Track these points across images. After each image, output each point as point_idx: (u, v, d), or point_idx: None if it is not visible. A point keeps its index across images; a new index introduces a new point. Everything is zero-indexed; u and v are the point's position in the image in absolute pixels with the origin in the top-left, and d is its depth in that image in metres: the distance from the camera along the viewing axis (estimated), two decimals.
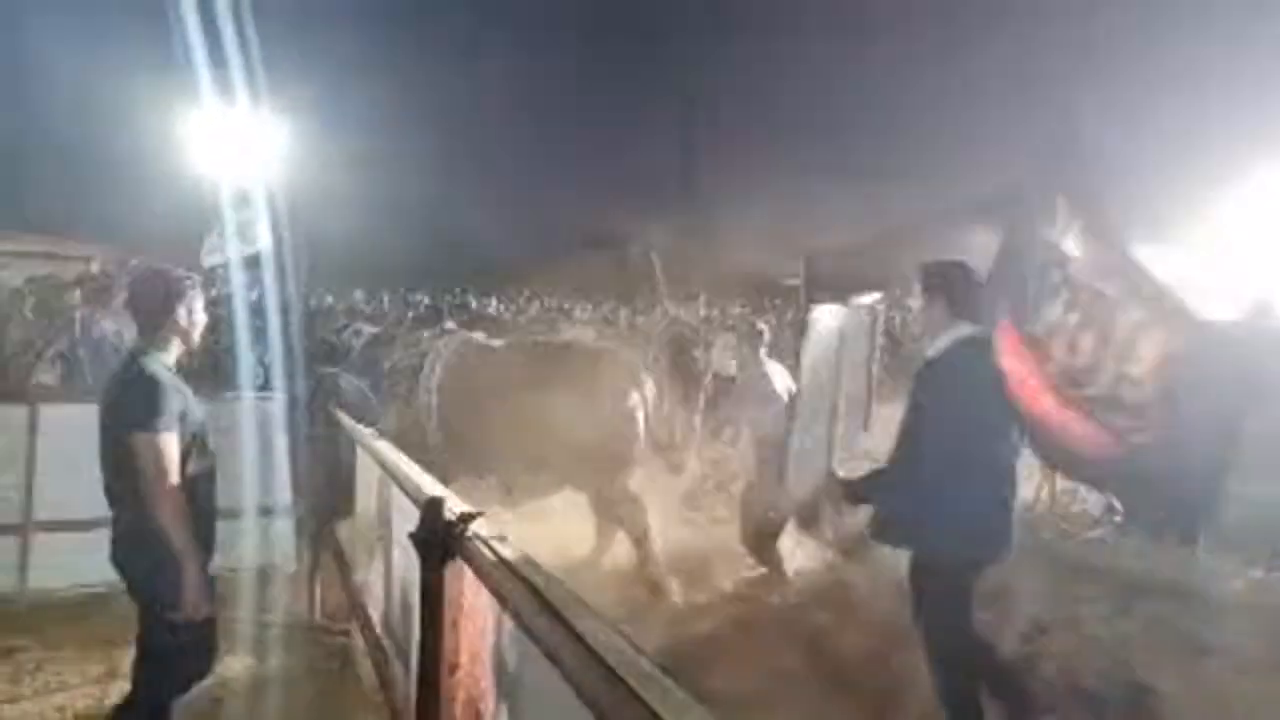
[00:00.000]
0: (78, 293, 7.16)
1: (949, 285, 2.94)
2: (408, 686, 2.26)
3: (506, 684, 1.73)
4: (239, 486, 3.89)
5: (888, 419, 4.12)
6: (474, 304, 13.04)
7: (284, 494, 4.65)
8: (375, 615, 3.26)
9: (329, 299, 11.54)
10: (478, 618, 2.02)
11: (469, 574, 1.88)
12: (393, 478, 2.60)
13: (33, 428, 4.17)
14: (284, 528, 4.68)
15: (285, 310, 5.84)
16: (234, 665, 3.72)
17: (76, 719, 3.29)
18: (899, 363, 8.00)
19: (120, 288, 5.82)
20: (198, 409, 2.66)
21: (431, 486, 2.19)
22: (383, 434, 3.57)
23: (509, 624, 1.66)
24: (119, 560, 2.58)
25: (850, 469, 4.10)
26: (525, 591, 1.58)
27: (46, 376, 6.15)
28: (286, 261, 6.27)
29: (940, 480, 2.74)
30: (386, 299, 12.75)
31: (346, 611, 3.89)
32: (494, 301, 13.62)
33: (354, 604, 3.55)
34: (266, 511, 4.47)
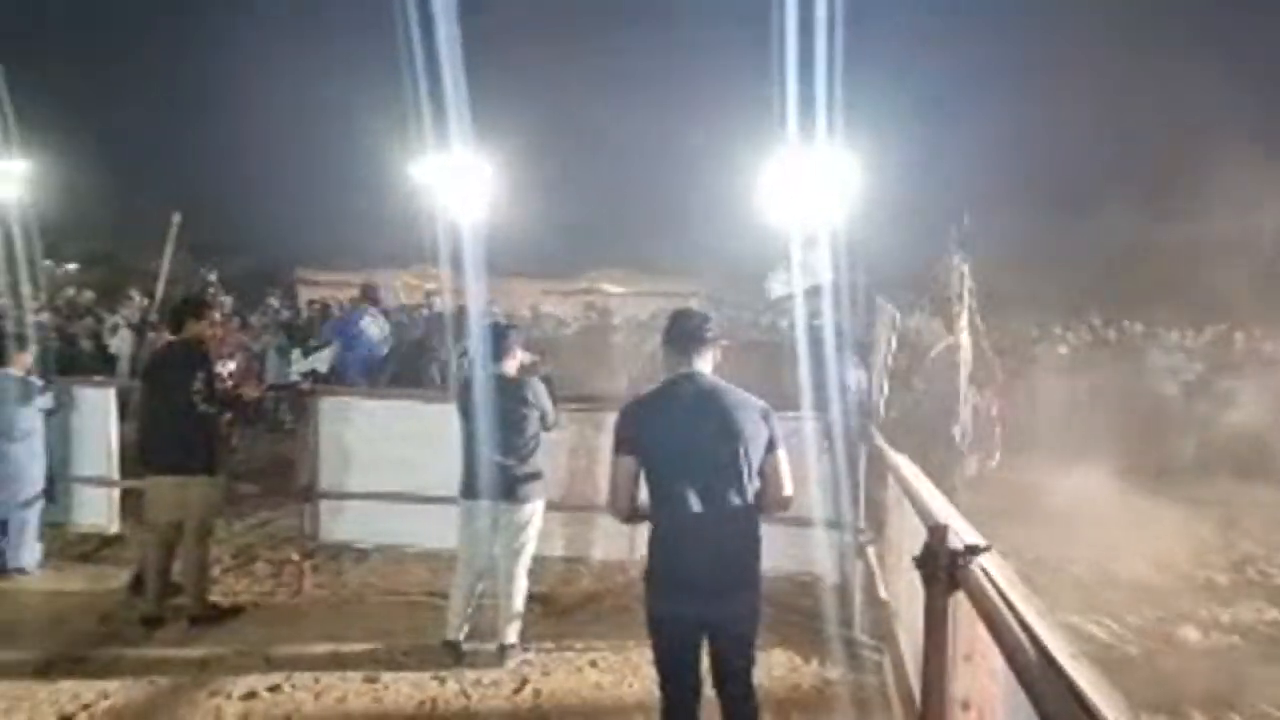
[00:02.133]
0: None
1: None
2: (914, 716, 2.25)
3: None
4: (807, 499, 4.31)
5: None
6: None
7: (837, 508, 4.95)
8: (903, 637, 3.29)
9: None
10: (989, 658, 1.92)
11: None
12: (906, 496, 2.62)
13: None
14: (834, 540, 4.98)
15: (841, 337, 6.26)
16: (774, 659, 4.12)
17: None
18: None
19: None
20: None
21: (942, 510, 2.15)
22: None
23: None
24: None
25: None
26: (1022, 639, 1.47)
27: None
28: (845, 292, 6.72)
29: None
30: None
31: (880, 627, 4.00)
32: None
33: (883, 620, 3.63)
34: (833, 525, 4.80)
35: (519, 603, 4.15)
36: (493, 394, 4.08)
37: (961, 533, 1.90)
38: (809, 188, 7.69)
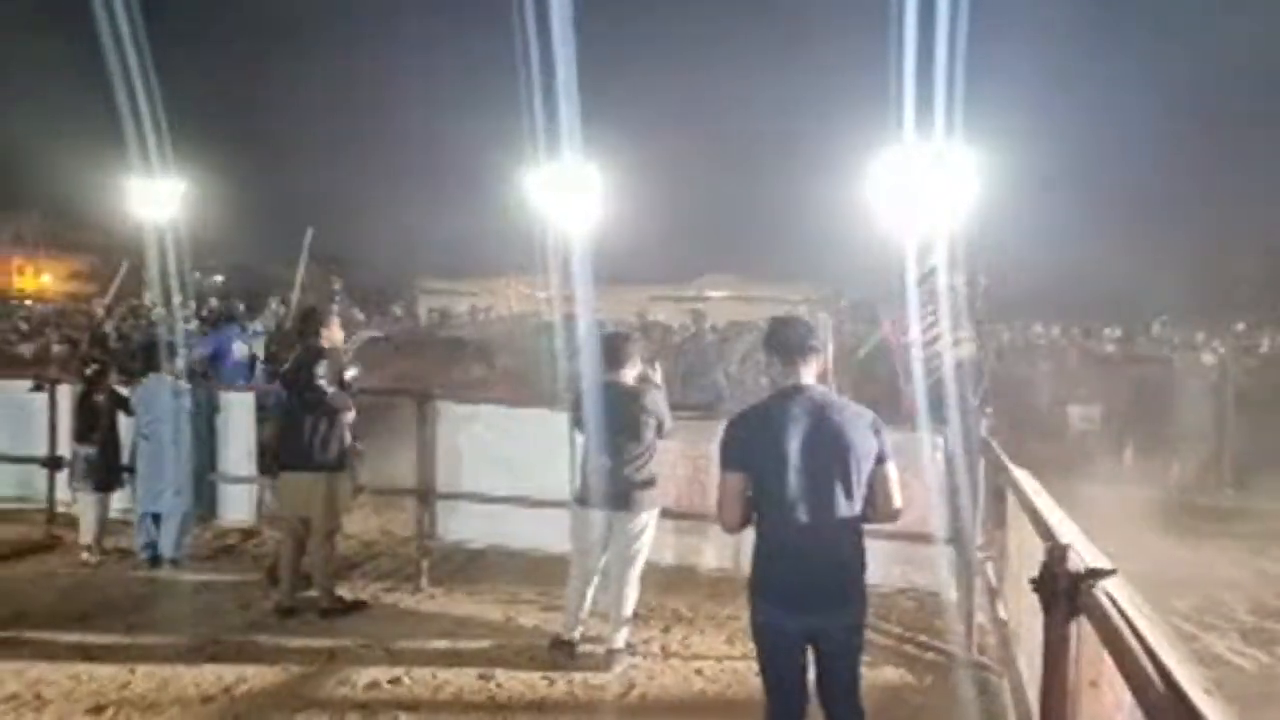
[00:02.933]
0: None
1: None
2: None
3: None
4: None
5: None
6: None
7: (955, 522, 4.78)
8: (1022, 661, 3.14)
9: (1005, 334, 11.36)
10: (1116, 687, 1.82)
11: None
12: (1025, 512, 2.51)
13: None
14: (952, 556, 4.81)
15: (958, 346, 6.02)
16: (885, 676, 4.01)
17: None
18: None
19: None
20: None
21: (1064, 529, 2.05)
22: None
23: None
24: None
25: None
26: (1150, 671, 1.39)
27: None
28: (962, 296, 6.46)
29: None
30: (1058, 332, 11.94)
31: (999, 649, 3.84)
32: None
33: (1002, 641, 3.48)
34: (950, 540, 4.64)
35: (629, 609, 4.19)
36: (609, 402, 4.12)
37: (1084, 554, 1.81)
38: (926, 188, 7.43)
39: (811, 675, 2.76)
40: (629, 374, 4.22)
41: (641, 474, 4.13)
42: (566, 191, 12.62)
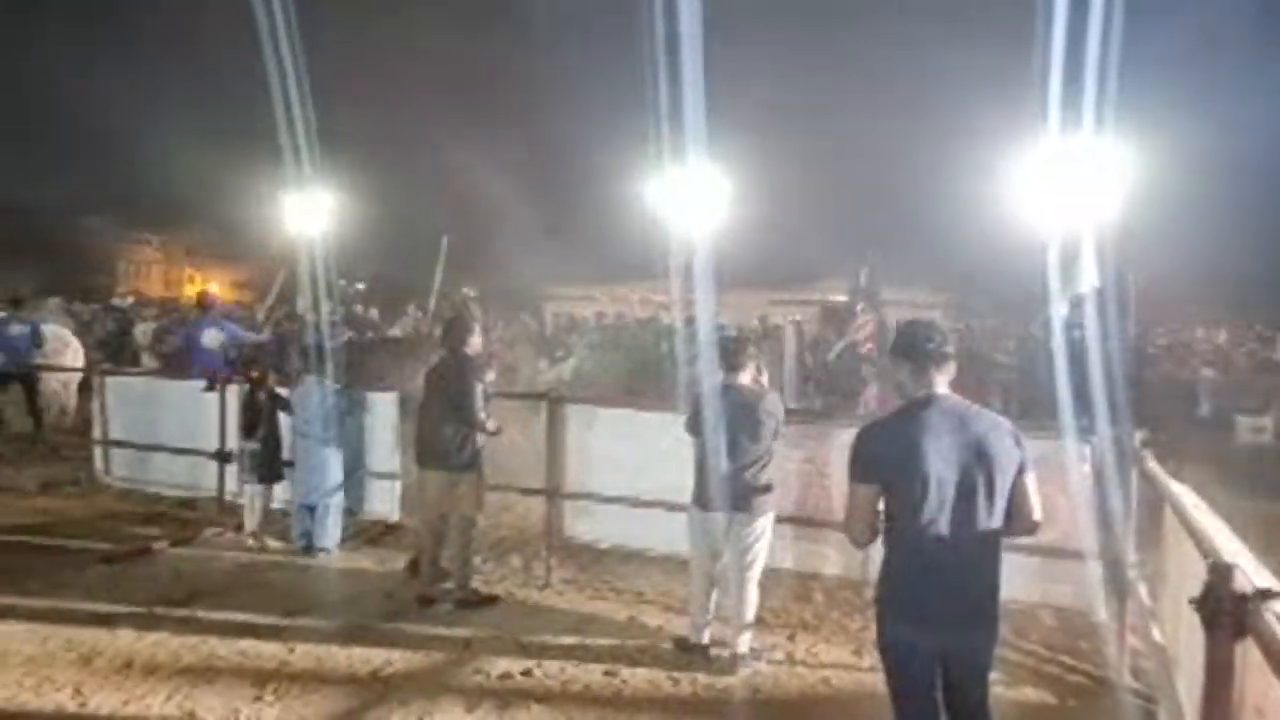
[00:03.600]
0: None
1: None
2: None
3: None
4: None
5: None
6: None
7: (1105, 537, 4.50)
8: (1180, 686, 2.94)
9: (1162, 338, 10.57)
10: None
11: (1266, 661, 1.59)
12: (1185, 528, 2.35)
13: None
14: (1102, 572, 4.54)
15: (1107, 348, 5.67)
16: (1024, 696, 3.83)
17: None
18: None
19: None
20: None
21: (1228, 546, 1.92)
22: None
23: None
24: None
25: None
26: None
27: None
28: (1111, 298, 6.09)
29: None
30: (1224, 337, 10.95)
31: (1154, 673, 3.59)
32: None
33: (1158, 665, 3.26)
34: (1100, 555, 4.39)
35: (750, 613, 4.19)
36: (728, 405, 4.15)
37: (1252, 573, 1.68)
38: (1074, 184, 7.00)
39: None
40: (745, 377, 4.25)
41: (760, 477, 4.14)
42: (690, 195, 12.68)
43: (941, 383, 2.66)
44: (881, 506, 2.66)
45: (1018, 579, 2.73)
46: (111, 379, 7.62)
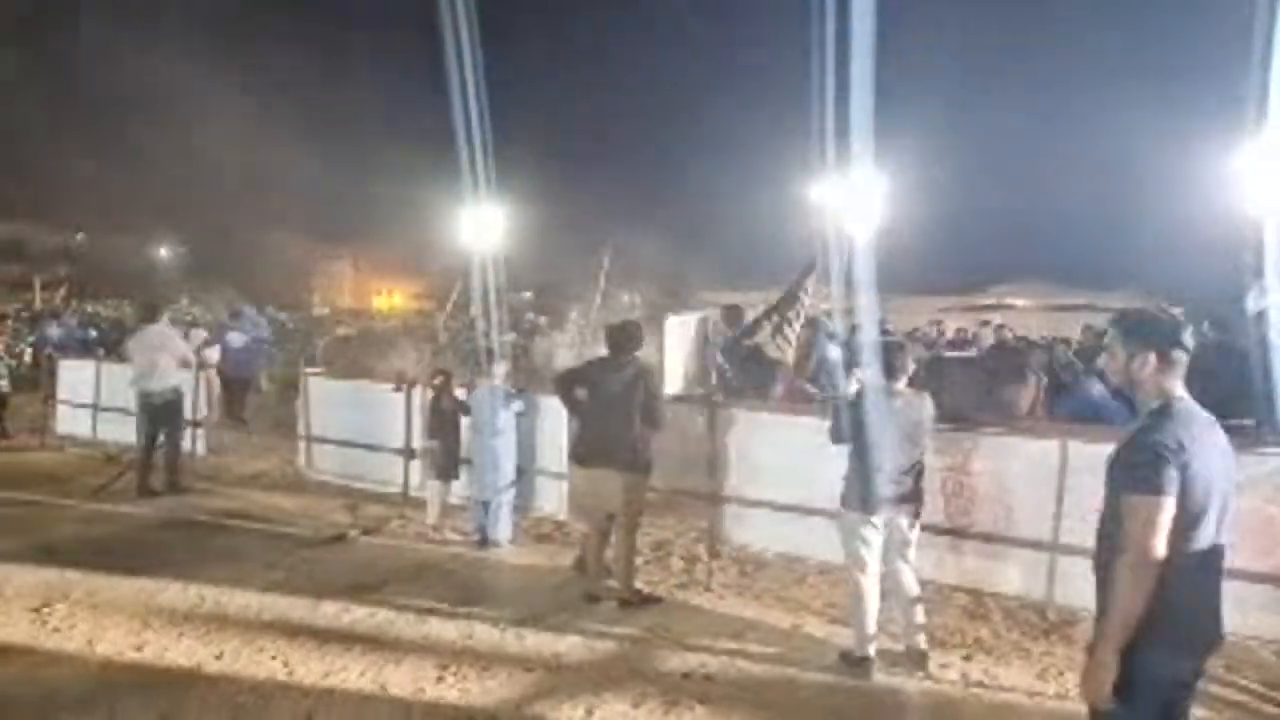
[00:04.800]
0: None
1: None
2: None
3: None
4: None
5: None
6: None
7: None
8: None
9: None
10: None
11: None
12: None
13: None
14: None
15: None
16: None
17: None
18: None
19: None
20: None
21: None
22: None
23: None
24: None
25: None
26: None
27: None
28: None
29: None
30: None
31: None
32: None
33: None
34: None
35: (921, 614, 4.22)
36: (891, 411, 4.14)
37: None
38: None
39: None
40: (904, 382, 4.26)
41: (921, 482, 4.24)
42: (852, 198, 12.37)
43: (1181, 385, 2.40)
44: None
45: (1234, 608, 2.46)
46: (314, 380, 8.38)
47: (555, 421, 6.40)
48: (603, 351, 5.37)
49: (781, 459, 5.42)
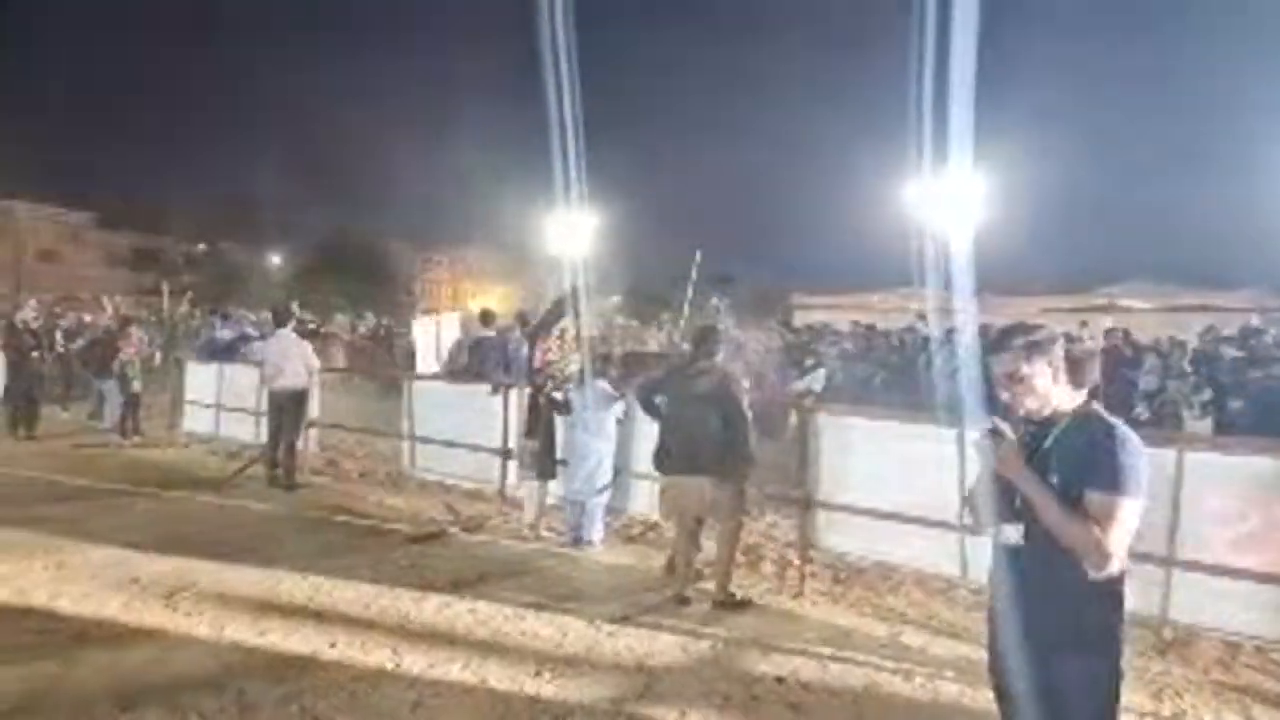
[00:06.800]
0: None
1: None
2: None
3: None
4: None
5: None
6: None
7: None
8: None
9: None
10: None
11: None
12: None
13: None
14: None
15: None
16: None
17: None
18: None
19: None
20: None
21: None
22: None
23: None
24: None
25: None
26: None
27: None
28: None
29: None
30: None
31: None
32: None
33: None
34: None
35: None
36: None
37: None
38: None
39: None
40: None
41: None
42: (948, 199, 12.06)
43: None
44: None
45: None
46: (417, 383, 8.72)
47: (648, 422, 6.48)
48: (683, 358, 5.43)
49: (877, 464, 5.34)
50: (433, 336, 12.26)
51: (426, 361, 12.19)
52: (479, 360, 9.64)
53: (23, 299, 15.64)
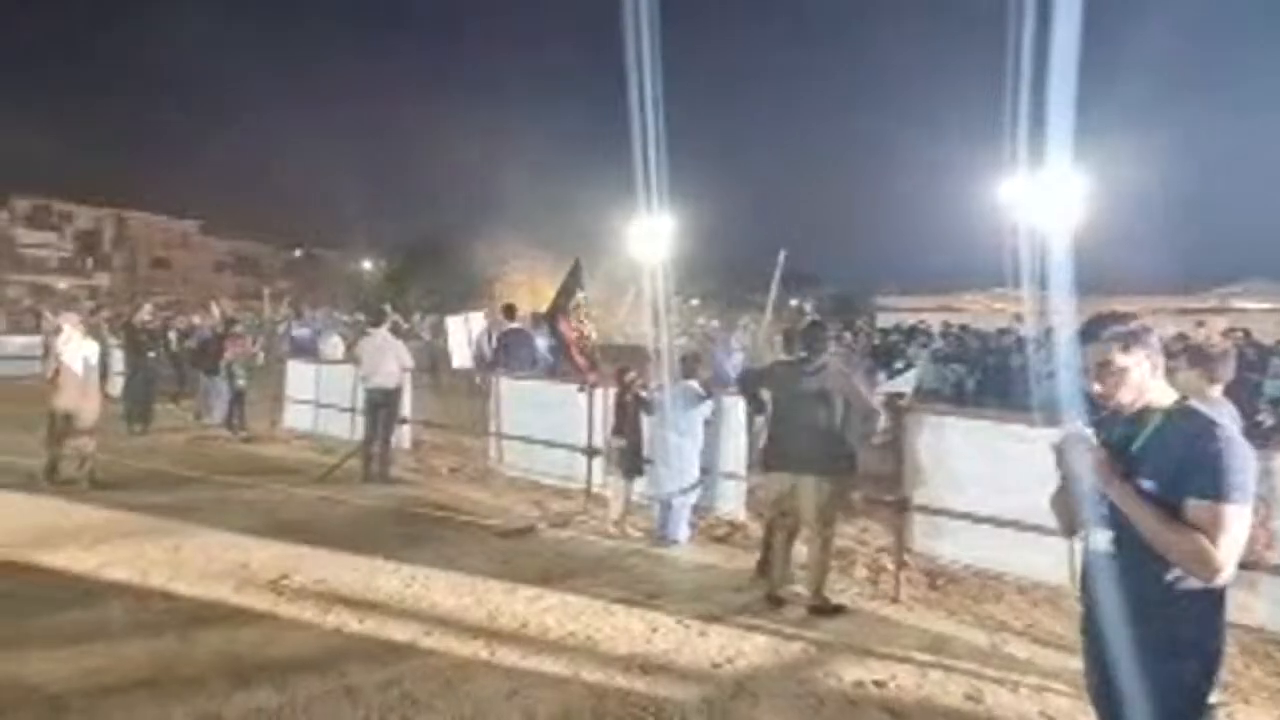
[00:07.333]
0: None
1: None
2: None
3: None
4: None
5: None
6: None
7: None
8: None
9: None
10: None
11: None
12: None
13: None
14: None
15: None
16: None
17: None
18: None
19: None
20: None
21: None
22: None
23: None
24: None
25: None
26: None
27: None
28: None
29: None
30: None
31: None
32: None
33: None
34: None
35: None
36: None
37: None
38: None
39: None
40: None
41: None
42: (1047, 198, 11.58)
43: None
44: None
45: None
46: (505, 382, 8.88)
47: (736, 422, 6.42)
48: (785, 355, 5.35)
49: (977, 467, 5.16)
50: (464, 333, 12.67)
51: (461, 356, 12.66)
52: (505, 352, 10.05)
53: (139, 301, 16.58)
